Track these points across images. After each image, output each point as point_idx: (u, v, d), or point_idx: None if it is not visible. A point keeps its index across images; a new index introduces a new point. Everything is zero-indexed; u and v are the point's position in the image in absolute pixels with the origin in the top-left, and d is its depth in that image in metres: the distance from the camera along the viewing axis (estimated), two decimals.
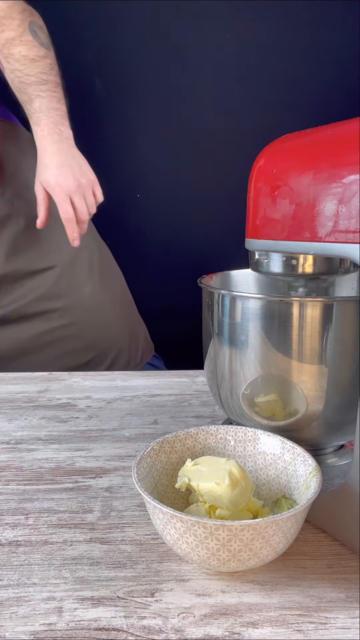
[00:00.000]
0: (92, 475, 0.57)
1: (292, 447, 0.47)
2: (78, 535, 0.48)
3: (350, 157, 0.41)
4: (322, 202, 0.43)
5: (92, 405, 0.74)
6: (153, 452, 0.47)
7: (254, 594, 0.41)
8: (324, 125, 0.47)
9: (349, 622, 0.38)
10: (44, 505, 0.52)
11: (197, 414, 0.71)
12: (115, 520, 0.50)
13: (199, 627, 0.38)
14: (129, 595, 0.41)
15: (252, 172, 0.51)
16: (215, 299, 0.52)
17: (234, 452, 0.50)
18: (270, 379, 0.50)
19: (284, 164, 0.47)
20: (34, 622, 0.38)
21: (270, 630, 0.38)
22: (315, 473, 0.44)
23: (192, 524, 0.38)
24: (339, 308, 0.47)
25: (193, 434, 0.50)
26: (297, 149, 0.48)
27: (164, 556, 0.45)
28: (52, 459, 0.60)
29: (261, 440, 0.50)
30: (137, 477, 0.43)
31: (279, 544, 0.40)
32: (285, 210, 0.47)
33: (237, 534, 0.38)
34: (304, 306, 0.47)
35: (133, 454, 0.61)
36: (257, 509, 0.45)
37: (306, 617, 0.39)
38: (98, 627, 0.38)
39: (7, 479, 0.56)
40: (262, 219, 0.49)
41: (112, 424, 0.69)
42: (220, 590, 0.41)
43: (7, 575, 0.43)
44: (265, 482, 0.49)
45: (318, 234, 0.44)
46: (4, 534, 0.48)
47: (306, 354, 0.48)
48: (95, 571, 0.43)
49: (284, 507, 0.45)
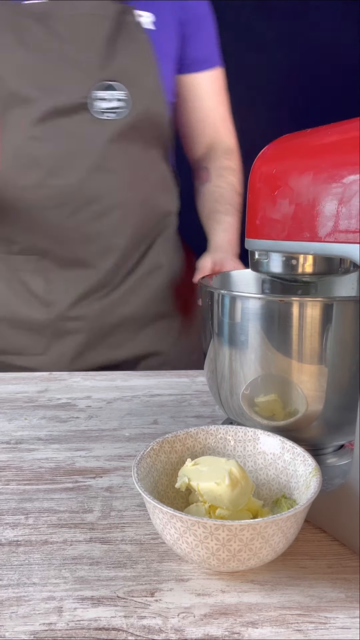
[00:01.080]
0: (92, 475, 0.57)
1: (292, 447, 0.47)
2: (78, 535, 0.48)
3: (350, 157, 0.41)
4: (322, 202, 0.43)
5: (92, 405, 0.74)
6: (153, 452, 0.47)
7: (254, 593, 0.41)
8: (324, 125, 0.47)
9: (349, 622, 0.38)
10: (44, 505, 0.52)
11: (197, 414, 0.71)
12: (115, 520, 0.50)
13: (198, 627, 0.38)
14: (128, 595, 0.41)
15: (252, 172, 0.51)
16: (215, 299, 0.52)
17: (234, 452, 0.50)
18: (270, 379, 0.50)
19: (284, 164, 0.47)
20: (34, 622, 0.38)
21: (270, 630, 0.38)
22: (315, 473, 0.44)
23: (192, 524, 0.38)
24: (339, 308, 0.47)
25: (193, 434, 0.50)
26: (297, 149, 0.48)
27: (164, 556, 0.45)
28: (52, 459, 0.60)
29: (261, 440, 0.50)
30: (137, 477, 0.43)
31: (278, 544, 0.40)
32: (285, 210, 0.47)
33: (237, 533, 0.38)
34: (304, 306, 0.47)
35: (133, 454, 0.61)
36: (257, 509, 0.45)
37: (306, 617, 0.39)
38: (98, 627, 0.38)
39: (7, 479, 0.56)
40: (262, 219, 0.49)
41: (112, 424, 0.69)
42: (220, 590, 0.41)
43: (7, 575, 0.43)
44: (265, 482, 0.49)
45: (318, 234, 0.44)
46: (4, 534, 0.48)
47: (306, 354, 0.48)
48: (95, 571, 0.43)
49: (283, 507, 0.45)
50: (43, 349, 0.98)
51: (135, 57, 0.89)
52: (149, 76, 0.91)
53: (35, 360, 0.98)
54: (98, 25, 0.86)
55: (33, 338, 0.98)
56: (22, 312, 0.97)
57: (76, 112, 0.86)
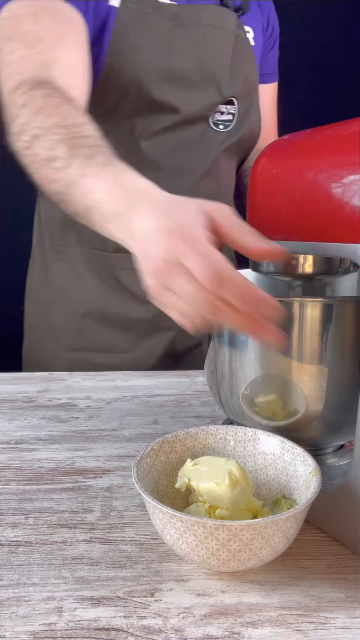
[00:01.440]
0: (92, 475, 0.57)
1: (292, 447, 0.47)
2: (78, 535, 0.48)
3: (350, 157, 0.41)
4: (322, 202, 0.43)
5: (92, 405, 0.74)
6: (153, 452, 0.47)
7: (254, 594, 0.41)
8: (324, 125, 0.47)
9: (349, 622, 0.38)
10: (44, 505, 0.52)
11: (197, 414, 0.71)
12: (115, 520, 0.50)
13: (198, 627, 0.38)
14: (128, 595, 0.41)
15: (252, 172, 0.51)
16: None
17: (234, 452, 0.50)
18: (270, 379, 0.50)
19: (284, 164, 0.47)
20: (33, 622, 0.38)
21: (270, 630, 0.38)
22: (315, 473, 0.44)
23: (192, 524, 0.38)
24: (339, 308, 0.47)
25: (193, 434, 0.50)
26: (297, 149, 0.48)
27: (164, 556, 0.45)
28: (52, 459, 0.60)
29: (261, 440, 0.50)
30: (137, 477, 0.43)
31: (278, 544, 0.40)
32: (286, 210, 0.47)
33: (237, 534, 0.38)
34: (304, 306, 0.47)
35: (133, 454, 0.61)
36: (257, 509, 0.45)
37: (306, 617, 0.39)
38: (98, 627, 0.38)
39: (7, 479, 0.56)
40: (262, 219, 0.49)
41: (112, 424, 0.69)
42: (220, 590, 0.41)
43: (7, 575, 0.43)
44: (265, 482, 0.49)
45: (318, 234, 0.44)
46: (4, 534, 0.48)
47: (306, 354, 0.48)
48: (95, 571, 0.43)
49: (283, 507, 0.45)
50: (131, 345, 0.96)
51: (248, 74, 0.91)
52: (255, 92, 0.94)
53: (119, 357, 0.96)
54: (225, 39, 0.86)
55: (122, 335, 0.95)
56: (115, 309, 0.94)
57: (199, 122, 0.88)
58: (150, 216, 0.44)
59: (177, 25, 0.81)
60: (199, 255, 0.40)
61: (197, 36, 0.83)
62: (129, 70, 0.79)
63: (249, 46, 0.91)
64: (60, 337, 0.95)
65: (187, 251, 0.40)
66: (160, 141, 0.86)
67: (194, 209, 0.43)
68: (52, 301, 0.95)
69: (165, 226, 0.42)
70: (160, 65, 0.81)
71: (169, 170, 0.88)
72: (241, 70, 0.90)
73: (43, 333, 0.98)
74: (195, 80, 0.84)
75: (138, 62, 0.80)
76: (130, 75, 0.80)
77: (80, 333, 0.94)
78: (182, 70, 0.82)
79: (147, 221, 0.44)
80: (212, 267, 0.39)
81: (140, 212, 0.45)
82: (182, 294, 0.41)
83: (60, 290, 0.94)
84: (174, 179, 0.88)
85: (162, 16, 0.80)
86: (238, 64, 0.89)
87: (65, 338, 0.95)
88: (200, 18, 0.83)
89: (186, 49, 0.82)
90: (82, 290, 0.94)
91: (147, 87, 0.81)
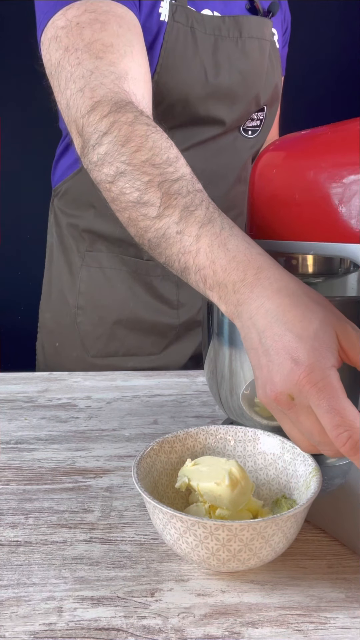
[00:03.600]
0: (92, 475, 0.57)
1: (292, 447, 0.47)
2: (78, 535, 0.48)
3: (350, 157, 0.41)
4: (322, 202, 0.43)
5: (92, 405, 0.74)
6: (153, 452, 0.47)
7: (254, 594, 0.41)
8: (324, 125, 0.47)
9: (349, 622, 0.38)
10: (44, 505, 0.52)
11: (197, 414, 0.71)
12: (115, 520, 0.50)
13: (198, 627, 0.38)
14: (128, 595, 0.41)
15: (252, 172, 0.51)
16: None
17: (234, 452, 0.50)
18: None
19: (284, 164, 0.47)
20: (33, 622, 0.38)
21: (270, 630, 0.38)
22: (315, 473, 0.44)
23: (192, 524, 0.38)
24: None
25: (193, 434, 0.50)
26: (298, 149, 0.48)
27: (164, 556, 0.45)
28: (52, 459, 0.60)
29: (261, 440, 0.50)
30: (137, 477, 0.43)
31: (278, 544, 0.40)
32: (286, 210, 0.47)
33: (237, 533, 0.38)
34: None
35: (133, 454, 0.61)
36: (257, 509, 0.45)
37: (306, 617, 0.39)
38: (98, 627, 0.38)
39: (7, 479, 0.56)
40: (263, 219, 0.49)
41: (112, 424, 0.69)
42: (220, 590, 0.41)
43: (7, 575, 0.43)
44: (265, 482, 0.49)
45: (318, 234, 0.44)
46: (4, 534, 0.48)
47: None
48: (95, 571, 0.43)
49: (283, 507, 0.45)
50: (161, 349, 0.95)
51: (277, 80, 0.92)
52: (280, 98, 0.95)
53: (148, 360, 0.95)
54: (264, 50, 0.86)
55: (153, 339, 0.95)
56: (147, 316, 0.93)
57: (232, 130, 0.88)
58: (269, 311, 0.40)
59: (221, 39, 0.81)
60: (328, 407, 0.37)
61: (239, 50, 0.83)
62: (177, 87, 0.78)
63: (277, 51, 0.91)
64: (88, 344, 0.93)
65: (316, 399, 0.37)
66: (198, 151, 0.86)
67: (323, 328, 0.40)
68: (80, 307, 0.93)
69: (290, 348, 0.39)
70: (206, 82, 0.80)
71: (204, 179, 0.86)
72: (273, 78, 0.90)
73: (67, 339, 0.95)
74: (239, 93, 0.84)
75: (186, 79, 0.79)
76: (178, 91, 0.79)
77: (111, 339, 0.93)
78: (227, 86, 0.82)
79: (266, 317, 0.40)
80: (340, 418, 0.37)
81: (255, 296, 0.41)
82: (302, 429, 0.40)
83: (89, 297, 0.93)
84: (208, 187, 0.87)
85: (206, 30, 0.80)
86: (271, 72, 0.89)
87: (94, 345, 0.93)
88: (242, 30, 0.83)
89: (230, 63, 0.82)
90: (113, 296, 0.92)
91: (194, 103, 0.80)
